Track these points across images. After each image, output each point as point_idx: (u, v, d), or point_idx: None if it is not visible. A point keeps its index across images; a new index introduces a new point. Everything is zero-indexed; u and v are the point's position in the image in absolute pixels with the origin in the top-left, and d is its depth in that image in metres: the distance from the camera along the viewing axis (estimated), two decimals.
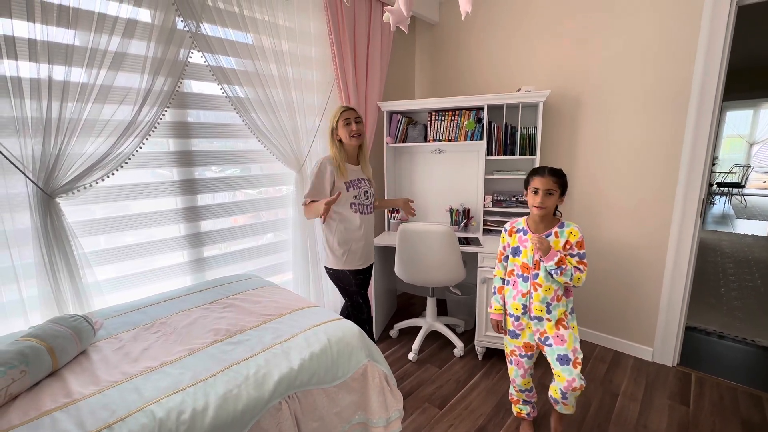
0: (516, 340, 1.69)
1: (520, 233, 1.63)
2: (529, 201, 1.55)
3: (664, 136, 2.22)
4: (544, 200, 1.50)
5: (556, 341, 1.58)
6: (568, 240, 1.53)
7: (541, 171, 1.54)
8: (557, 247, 1.53)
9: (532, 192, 1.53)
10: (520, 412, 1.82)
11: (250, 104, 2.10)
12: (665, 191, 2.26)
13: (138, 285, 1.92)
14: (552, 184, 1.50)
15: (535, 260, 1.56)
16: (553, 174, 1.52)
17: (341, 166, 1.91)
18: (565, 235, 1.54)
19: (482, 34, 2.87)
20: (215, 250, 2.21)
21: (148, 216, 1.92)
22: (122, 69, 1.65)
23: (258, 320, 1.53)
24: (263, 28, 2.13)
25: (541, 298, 1.57)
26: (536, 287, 1.58)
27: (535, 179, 1.53)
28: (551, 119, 2.61)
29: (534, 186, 1.53)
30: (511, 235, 1.66)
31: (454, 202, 2.90)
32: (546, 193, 1.50)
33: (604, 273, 2.55)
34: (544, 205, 1.50)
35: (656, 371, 2.33)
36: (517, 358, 1.71)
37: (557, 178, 1.52)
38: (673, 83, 2.14)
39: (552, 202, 1.51)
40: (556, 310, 1.59)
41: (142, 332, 1.45)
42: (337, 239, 1.96)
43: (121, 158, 1.70)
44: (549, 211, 1.54)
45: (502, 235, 1.71)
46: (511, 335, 1.70)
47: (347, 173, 1.93)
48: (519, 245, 1.62)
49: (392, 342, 2.73)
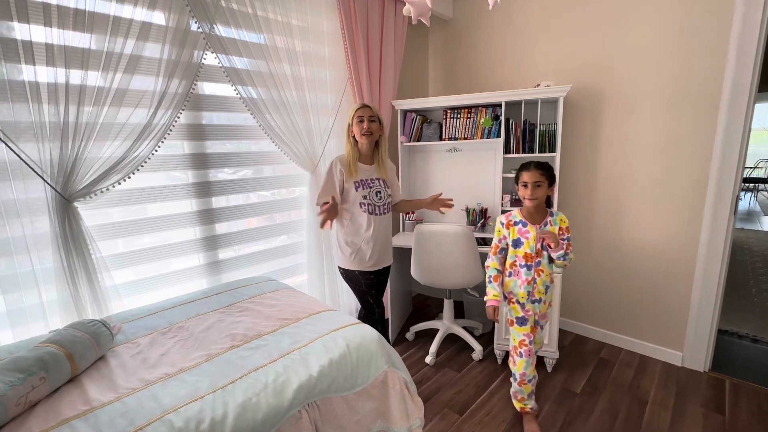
0: (524, 327, 1.78)
1: (519, 225, 1.76)
2: (521, 194, 1.71)
3: (694, 131, 2.11)
4: (534, 192, 1.65)
5: (542, 319, 1.85)
6: (561, 226, 1.73)
7: (528, 166, 1.69)
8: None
9: (522, 186, 1.69)
10: (524, 407, 1.85)
11: (263, 105, 2.08)
12: (695, 189, 2.15)
13: (155, 288, 1.92)
14: (539, 177, 1.65)
15: (537, 249, 1.71)
16: (539, 167, 1.67)
17: (352, 165, 1.88)
18: (557, 222, 1.73)
19: (498, 28, 2.80)
20: (230, 253, 2.20)
21: (164, 219, 1.91)
22: (137, 72, 1.64)
23: (275, 325, 1.51)
24: (276, 28, 2.10)
25: (543, 282, 1.75)
26: (539, 273, 1.74)
27: (524, 174, 1.69)
28: (572, 115, 2.52)
29: (523, 180, 1.68)
30: (508, 228, 1.78)
31: (471, 201, 2.84)
32: (534, 185, 1.65)
33: (629, 274, 2.45)
34: (535, 196, 1.66)
35: (687, 377, 2.22)
36: (527, 348, 1.78)
37: (544, 171, 1.67)
38: (703, 76, 2.04)
39: (542, 192, 1.67)
40: (550, 291, 1.82)
41: (159, 337, 1.43)
42: (344, 238, 1.95)
43: (137, 161, 1.69)
44: (540, 201, 1.69)
45: (498, 228, 1.81)
46: (520, 323, 1.79)
47: (357, 173, 1.90)
48: (520, 237, 1.75)
49: (408, 345, 2.68)
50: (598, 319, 2.64)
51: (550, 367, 2.30)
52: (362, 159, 1.94)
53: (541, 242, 1.70)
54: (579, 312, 2.72)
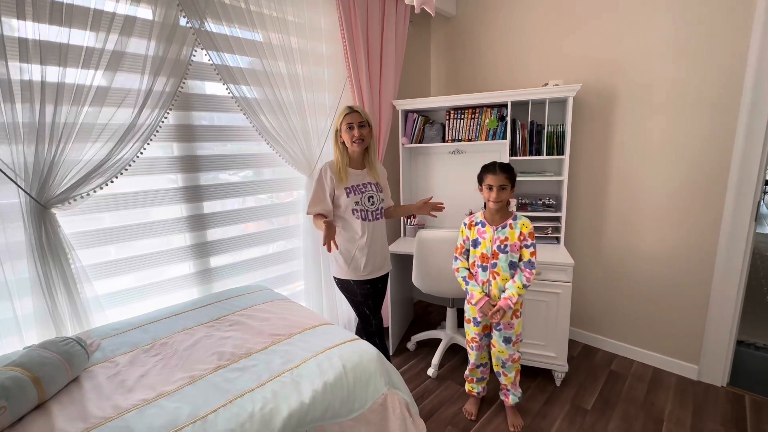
0: (477, 328, 1.82)
1: (479, 226, 1.77)
2: (484, 196, 1.71)
3: (713, 133, 2.00)
4: (499, 195, 1.65)
5: (505, 327, 1.76)
6: (522, 231, 1.68)
7: (493, 168, 1.67)
8: (513, 239, 1.68)
9: (487, 188, 1.68)
10: (471, 390, 1.97)
11: (258, 105, 1.97)
12: (713, 193, 2.03)
13: (141, 299, 1.81)
14: (504, 180, 1.65)
15: (493, 250, 1.70)
16: (504, 170, 1.66)
17: (342, 170, 1.78)
18: (518, 227, 1.69)
19: (504, 24, 2.69)
20: (223, 260, 2.09)
21: (152, 225, 1.81)
22: (121, 69, 1.54)
23: (266, 341, 1.40)
24: (271, 24, 2.00)
25: (499, 286, 1.71)
26: (495, 275, 1.72)
27: (488, 176, 1.67)
28: (581, 116, 2.41)
29: (488, 183, 1.67)
30: (470, 228, 1.79)
31: (475, 206, 2.72)
32: (500, 188, 1.64)
33: (642, 282, 2.34)
34: (500, 199, 1.66)
35: (704, 392, 2.11)
36: (477, 344, 1.85)
37: (508, 174, 1.66)
38: (722, 75, 1.92)
39: (506, 195, 1.67)
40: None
41: (140, 355, 1.33)
42: (339, 247, 1.83)
43: (121, 164, 1.58)
44: (504, 204, 1.70)
45: (462, 229, 1.84)
46: (474, 323, 1.83)
47: (348, 178, 1.80)
48: (478, 237, 1.76)
49: (409, 355, 2.57)
50: (608, 329, 2.52)
51: (559, 381, 2.18)
52: (352, 164, 1.84)
53: (497, 244, 1.69)
54: (587, 321, 2.60)
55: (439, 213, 1.98)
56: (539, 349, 2.17)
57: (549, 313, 2.11)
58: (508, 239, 1.69)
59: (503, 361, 1.83)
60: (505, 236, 1.70)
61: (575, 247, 2.55)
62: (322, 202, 1.80)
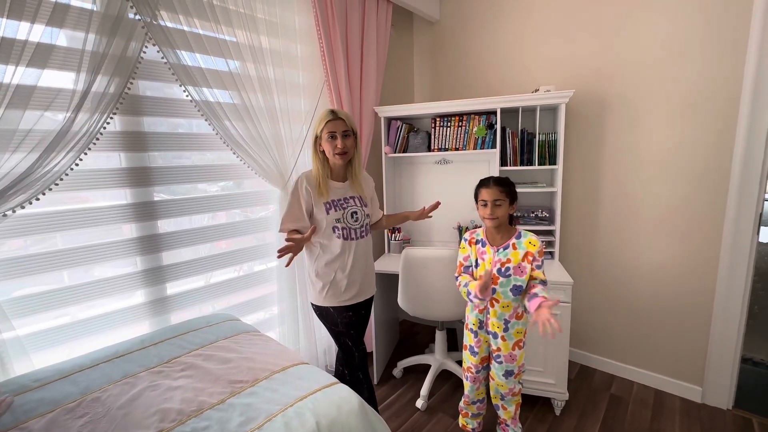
0: (474, 358, 1.65)
1: (479, 245, 1.60)
2: (480, 213, 1.56)
3: (710, 141, 1.90)
4: (494, 211, 1.50)
5: (507, 359, 1.58)
6: (528, 251, 1.50)
7: (487, 182, 1.55)
8: (516, 260, 1.50)
9: (482, 205, 1.54)
10: (465, 425, 1.81)
11: (221, 110, 1.75)
12: (713, 203, 1.93)
13: (78, 336, 1.52)
14: (499, 194, 1.50)
15: (492, 274, 1.50)
16: (498, 184, 1.53)
17: (321, 183, 1.57)
18: (523, 246, 1.51)
19: (491, 29, 2.57)
20: (182, 286, 1.83)
21: (92, 249, 1.54)
22: (49, 66, 1.29)
23: (224, 391, 1.15)
24: (237, 21, 1.79)
25: (498, 314, 1.54)
26: (493, 303, 1.54)
27: (482, 191, 1.54)
28: (574, 124, 2.29)
29: (482, 198, 1.54)
30: (471, 246, 1.62)
31: (463, 219, 2.55)
32: (494, 203, 1.50)
33: (640, 299, 2.21)
34: (495, 215, 1.50)
35: (710, 416, 1.97)
36: (473, 375, 1.68)
37: (504, 188, 1.52)
38: (719, 80, 1.83)
39: (502, 211, 1.51)
40: (514, 328, 1.56)
41: (61, 417, 1.06)
42: (315, 269, 1.62)
43: (50, 178, 1.32)
44: (502, 221, 1.53)
45: (462, 245, 1.66)
46: (471, 352, 1.66)
47: (329, 192, 1.58)
48: (478, 257, 1.59)
49: (396, 384, 2.34)
50: (606, 349, 2.38)
51: (559, 409, 2.00)
52: (333, 176, 1.63)
53: (497, 267, 1.52)
54: (584, 340, 2.45)
55: (426, 227, 1.79)
56: (537, 375, 1.99)
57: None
58: (511, 261, 1.51)
59: (503, 395, 1.64)
60: (507, 258, 1.51)
61: (570, 261, 2.41)
62: (298, 218, 1.58)
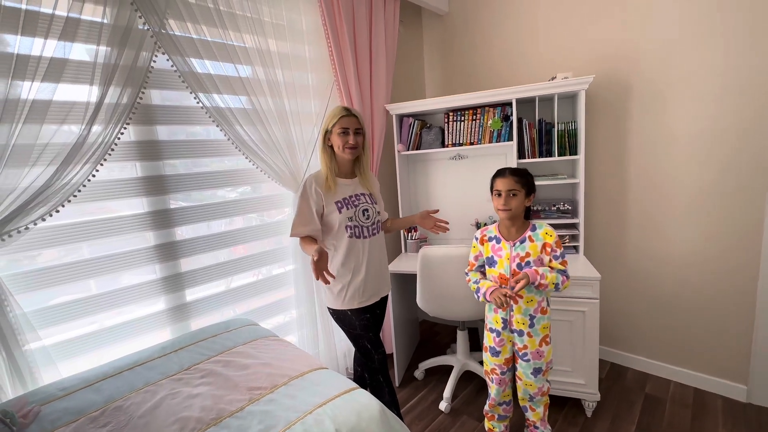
0: (497, 358, 1.59)
1: (493, 242, 1.55)
2: (494, 205, 1.51)
3: (749, 123, 1.77)
4: (508, 201, 1.45)
5: (534, 356, 1.52)
6: (546, 242, 1.46)
7: (502, 172, 1.51)
8: (535, 253, 1.45)
9: (496, 195, 1.49)
10: (492, 429, 1.72)
11: (232, 115, 1.75)
12: (753, 190, 1.80)
13: (102, 346, 1.55)
14: (514, 185, 1.45)
15: (513, 270, 1.46)
16: (514, 174, 1.48)
17: (330, 180, 1.54)
18: (540, 238, 1.47)
19: (502, 17, 2.49)
20: (200, 292, 1.84)
21: (112, 258, 1.56)
22: (63, 80, 1.31)
23: (243, 398, 1.14)
24: (244, 25, 1.79)
25: (523, 310, 1.49)
26: (516, 299, 1.48)
27: (497, 181, 1.50)
28: (594, 111, 2.19)
29: (497, 189, 1.49)
30: (483, 244, 1.58)
31: (481, 215, 2.48)
32: (509, 194, 1.45)
33: (674, 293, 2.08)
34: (509, 207, 1.45)
35: (756, 416, 1.84)
36: (498, 377, 1.61)
37: (519, 178, 1.47)
38: (761, 60, 1.70)
39: (517, 203, 1.46)
40: (540, 324, 1.50)
41: (85, 426, 1.07)
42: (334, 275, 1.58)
43: (68, 191, 1.35)
44: (516, 213, 1.47)
45: (474, 244, 1.62)
46: (492, 353, 1.60)
47: (338, 190, 1.56)
48: (493, 255, 1.54)
49: (418, 386, 2.29)
50: (638, 346, 2.26)
51: (590, 411, 1.91)
52: (340, 172, 1.61)
53: (516, 262, 1.46)
54: (615, 337, 2.34)
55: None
56: (565, 375, 1.90)
57: (574, 334, 1.85)
58: (530, 254, 1.46)
59: (531, 395, 1.57)
60: (526, 251, 1.46)
61: (596, 255, 2.30)
62: (309, 222, 1.55)
